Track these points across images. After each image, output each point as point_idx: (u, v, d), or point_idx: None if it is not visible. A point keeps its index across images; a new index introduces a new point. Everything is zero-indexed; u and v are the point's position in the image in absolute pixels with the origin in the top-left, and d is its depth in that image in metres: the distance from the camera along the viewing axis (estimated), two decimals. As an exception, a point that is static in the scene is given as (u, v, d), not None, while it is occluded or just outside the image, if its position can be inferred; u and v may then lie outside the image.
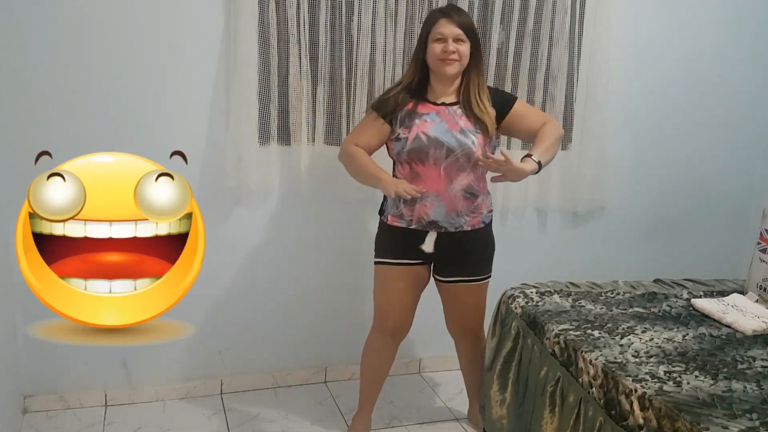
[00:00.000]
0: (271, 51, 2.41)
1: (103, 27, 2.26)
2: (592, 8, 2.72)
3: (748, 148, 3.19)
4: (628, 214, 3.06)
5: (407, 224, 2.13)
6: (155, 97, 2.36)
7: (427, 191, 2.05)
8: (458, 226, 2.12)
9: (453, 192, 2.09)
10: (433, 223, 2.10)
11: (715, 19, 2.98)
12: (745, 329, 1.88)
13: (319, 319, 2.77)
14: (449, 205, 2.09)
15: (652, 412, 1.43)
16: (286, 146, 2.53)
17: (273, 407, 2.61)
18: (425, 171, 2.08)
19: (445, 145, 2.05)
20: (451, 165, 2.07)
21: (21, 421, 2.41)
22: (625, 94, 2.90)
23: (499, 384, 2.05)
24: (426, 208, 2.09)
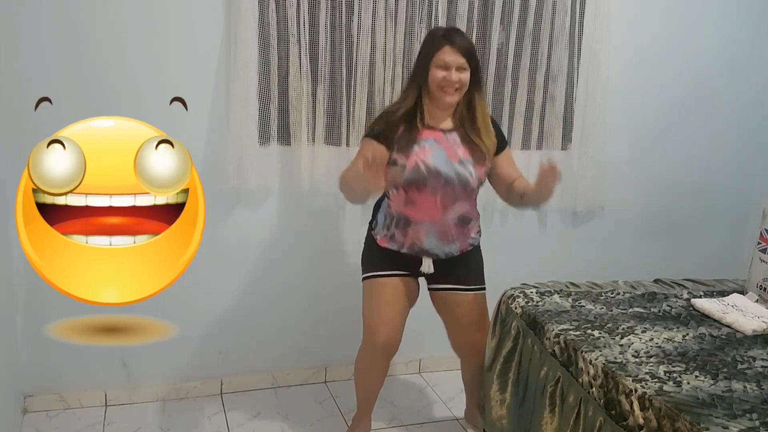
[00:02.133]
0: (271, 51, 2.41)
1: (102, 27, 2.26)
2: (592, 8, 2.72)
3: (748, 148, 3.19)
4: (628, 214, 3.06)
5: (398, 248, 2.10)
6: (155, 97, 2.36)
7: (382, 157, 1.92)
8: (449, 252, 2.11)
9: (447, 219, 2.06)
10: (425, 250, 2.09)
11: (715, 19, 2.98)
12: (745, 329, 1.88)
13: (319, 319, 2.77)
14: (442, 232, 2.07)
15: (652, 412, 1.43)
16: (286, 146, 2.53)
17: (273, 407, 2.61)
18: (421, 198, 2.04)
19: (443, 177, 2.01)
20: (447, 194, 2.04)
21: (21, 421, 2.41)
22: (625, 94, 2.90)
23: (499, 384, 2.05)
24: (419, 234, 2.06)
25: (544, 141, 2.81)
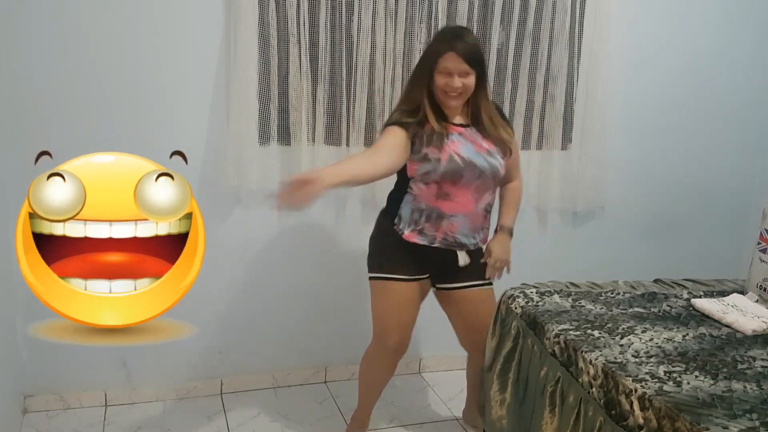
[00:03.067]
0: (271, 51, 2.41)
1: (102, 27, 2.26)
2: (592, 8, 2.72)
3: (748, 148, 3.19)
4: (628, 214, 3.06)
5: (429, 242, 2.07)
6: (155, 97, 2.36)
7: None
8: (476, 243, 2.13)
9: (478, 210, 2.09)
10: (457, 242, 2.08)
11: (715, 19, 2.98)
12: (745, 329, 1.88)
13: (319, 319, 2.77)
14: (473, 223, 2.09)
15: (652, 412, 1.43)
16: (286, 146, 2.53)
17: (273, 407, 2.61)
18: (456, 191, 2.03)
19: (478, 167, 2.02)
20: (480, 186, 2.06)
21: (21, 421, 2.41)
22: (625, 94, 2.90)
23: (499, 384, 2.05)
24: (453, 227, 2.06)
25: (544, 141, 2.81)
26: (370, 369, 2.30)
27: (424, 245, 2.08)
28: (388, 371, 2.29)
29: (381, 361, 2.24)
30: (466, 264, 2.13)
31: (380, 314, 2.18)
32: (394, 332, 2.16)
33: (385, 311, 2.17)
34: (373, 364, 2.27)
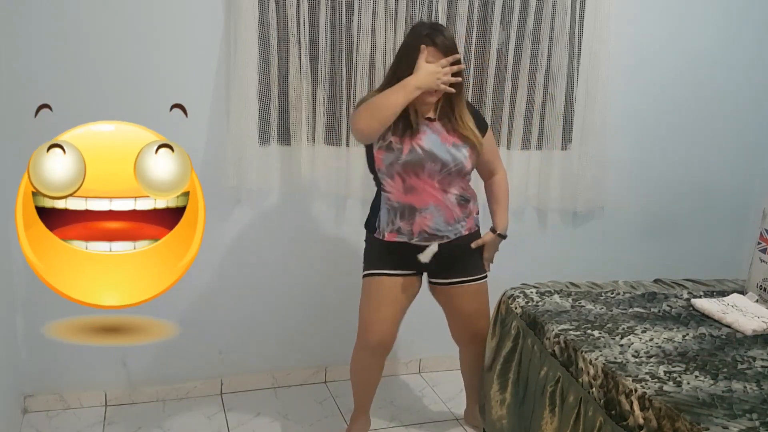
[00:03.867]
0: (271, 51, 2.41)
1: (103, 27, 2.26)
2: (592, 8, 2.72)
3: (748, 148, 3.19)
4: (628, 214, 3.06)
5: (408, 239, 2.09)
6: (155, 96, 2.36)
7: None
8: (457, 232, 2.11)
9: (449, 201, 2.08)
10: (435, 235, 2.08)
11: (715, 19, 2.98)
12: (745, 329, 1.88)
13: (320, 319, 2.77)
14: (447, 213, 2.08)
15: (652, 412, 1.43)
16: (286, 146, 2.53)
17: (273, 407, 2.61)
18: (420, 184, 2.04)
19: (440, 159, 2.02)
20: (444, 178, 2.05)
21: (21, 421, 2.41)
22: (625, 94, 2.90)
23: (499, 384, 2.05)
24: (426, 220, 2.06)
25: (544, 141, 2.81)
26: (356, 368, 2.30)
27: (403, 242, 2.09)
28: (373, 370, 2.28)
29: (364, 359, 2.25)
30: (427, 261, 2.11)
31: (361, 311, 2.20)
32: (373, 327, 2.15)
33: (365, 307, 2.18)
34: (358, 362, 2.28)
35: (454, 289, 2.20)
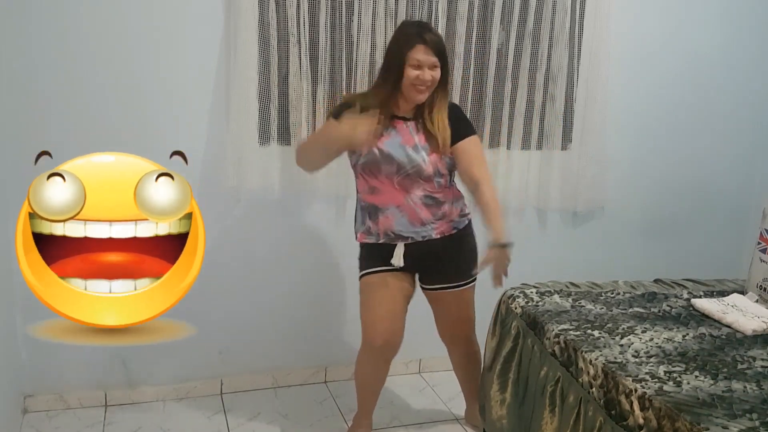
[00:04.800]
0: (271, 51, 2.41)
1: (103, 27, 2.26)
2: (592, 8, 2.72)
3: (748, 148, 3.19)
4: (628, 214, 3.06)
5: (375, 239, 2.12)
6: (155, 97, 2.36)
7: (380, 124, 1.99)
8: (425, 235, 2.09)
9: (412, 201, 2.06)
10: (399, 235, 2.09)
11: (715, 19, 2.98)
12: (745, 329, 1.88)
13: (320, 319, 2.77)
14: (411, 214, 2.07)
15: (652, 412, 1.43)
16: (286, 146, 2.53)
17: (273, 407, 2.61)
18: (380, 184, 2.06)
19: (395, 161, 2.01)
20: (403, 179, 2.04)
21: (21, 421, 2.41)
22: (625, 94, 2.90)
23: (499, 384, 2.05)
24: (389, 221, 2.08)
25: (544, 141, 2.81)
26: (360, 371, 2.30)
27: (372, 243, 2.13)
28: (379, 373, 2.27)
29: (369, 361, 2.24)
30: (400, 264, 2.11)
31: (364, 313, 2.20)
32: (376, 327, 2.14)
33: (363, 308, 2.20)
34: (363, 363, 2.27)
35: (437, 294, 2.23)
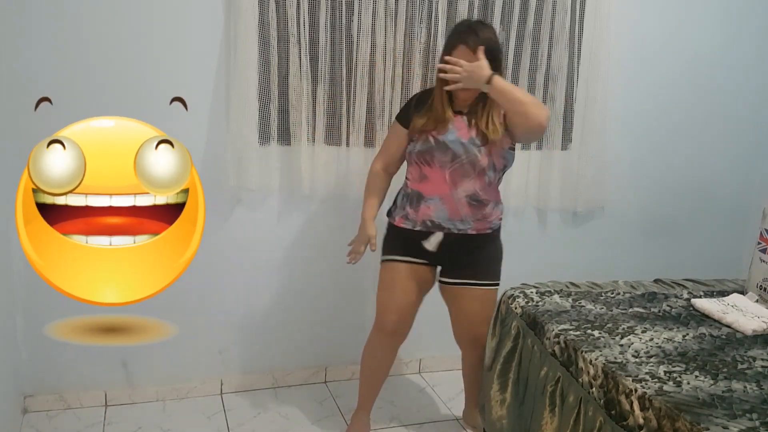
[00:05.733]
0: (271, 51, 2.41)
1: (102, 27, 2.26)
2: (592, 8, 2.72)
3: (748, 148, 3.19)
4: (628, 214, 3.06)
5: (412, 226, 2.16)
6: (155, 97, 2.36)
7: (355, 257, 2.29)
8: (462, 228, 2.13)
9: (457, 197, 2.10)
10: (437, 224, 2.13)
11: (716, 20, 2.98)
12: (745, 329, 1.88)
13: (319, 319, 2.77)
14: (452, 209, 2.11)
15: (652, 412, 1.43)
16: (286, 146, 2.53)
17: (273, 407, 2.61)
18: (431, 173, 2.11)
19: (450, 150, 2.07)
20: (456, 170, 2.08)
21: (21, 421, 2.41)
22: (625, 94, 2.90)
23: (499, 384, 2.05)
24: (429, 210, 2.12)
25: (544, 141, 2.81)
26: (368, 356, 2.34)
27: (409, 229, 2.16)
28: (386, 358, 2.32)
29: (378, 345, 2.29)
30: (433, 250, 2.15)
31: (380, 295, 2.27)
32: (388, 312, 2.23)
33: (380, 290, 2.26)
34: (371, 349, 2.32)
35: (460, 290, 2.22)
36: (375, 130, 2.57)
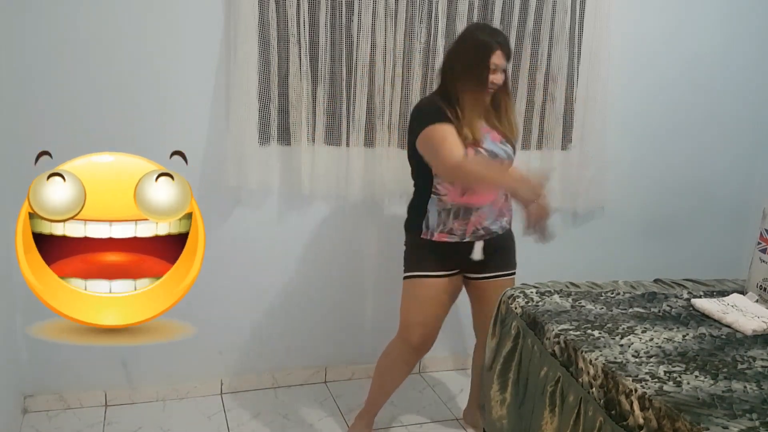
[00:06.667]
0: (271, 51, 2.41)
1: (103, 27, 2.26)
2: (592, 8, 2.72)
3: (748, 148, 3.19)
4: (628, 214, 3.06)
5: (461, 238, 2.12)
6: (155, 97, 2.36)
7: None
8: (503, 227, 2.17)
9: (500, 196, 2.14)
10: (488, 231, 2.13)
11: (715, 20, 2.98)
12: (745, 329, 1.88)
13: (319, 319, 2.77)
14: (498, 210, 2.14)
15: (652, 412, 1.43)
16: (286, 146, 2.53)
17: (273, 407, 2.61)
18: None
19: (499, 157, 2.08)
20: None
21: (21, 421, 2.41)
22: (625, 94, 2.90)
23: (499, 384, 2.05)
24: (482, 218, 2.11)
25: (544, 141, 2.81)
26: (388, 366, 2.30)
27: (454, 242, 2.12)
28: (406, 369, 2.30)
29: (402, 357, 2.26)
30: (480, 259, 2.14)
31: (406, 310, 2.21)
32: (418, 328, 2.18)
33: (411, 307, 2.19)
34: (393, 360, 2.28)
35: (488, 283, 2.24)
36: (375, 130, 2.57)
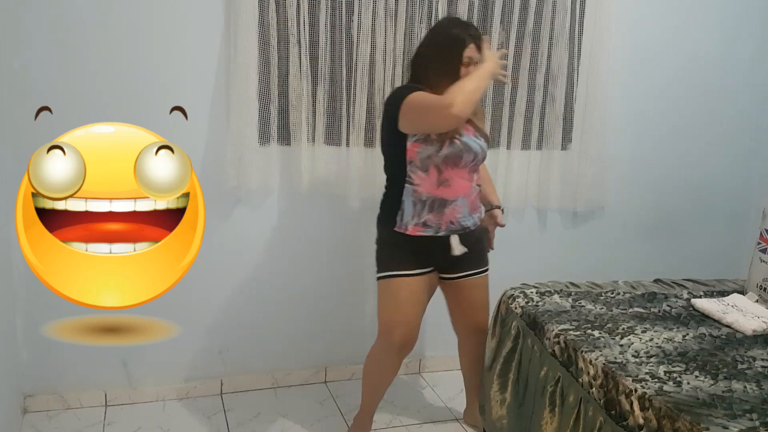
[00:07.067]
0: (271, 51, 2.41)
1: (102, 27, 2.26)
2: (592, 8, 2.72)
3: (748, 148, 3.19)
4: (628, 214, 3.06)
5: (435, 232, 2.08)
6: (155, 97, 2.36)
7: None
8: (475, 222, 2.16)
9: (473, 191, 2.13)
10: (463, 226, 2.11)
11: (715, 20, 2.98)
12: (745, 329, 1.88)
13: (319, 319, 2.77)
14: (471, 203, 2.13)
15: (652, 412, 1.44)
16: (286, 146, 2.53)
17: (273, 407, 2.61)
18: (455, 175, 2.06)
19: (473, 150, 2.08)
20: (473, 167, 2.11)
21: (21, 421, 2.41)
22: (625, 94, 2.90)
23: (499, 384, 2.05)
24: (455, 211, 2.08)
25: (544, 141, 2.81)
26: (374, 368, 2.28)
27: (428, 236, 2.08)
28: (392, 370, 2.27)
29: (386, 359, 2.23)
30: (463, 252, 2.12)
31: (385, 311, 2.16)
32: (399, 328, 2.13)
33: (390, 307, 2.15)
34: (378, 363, 2.26)
35: (462, 282, 2.22)
36: (375, 130, 2.57)
